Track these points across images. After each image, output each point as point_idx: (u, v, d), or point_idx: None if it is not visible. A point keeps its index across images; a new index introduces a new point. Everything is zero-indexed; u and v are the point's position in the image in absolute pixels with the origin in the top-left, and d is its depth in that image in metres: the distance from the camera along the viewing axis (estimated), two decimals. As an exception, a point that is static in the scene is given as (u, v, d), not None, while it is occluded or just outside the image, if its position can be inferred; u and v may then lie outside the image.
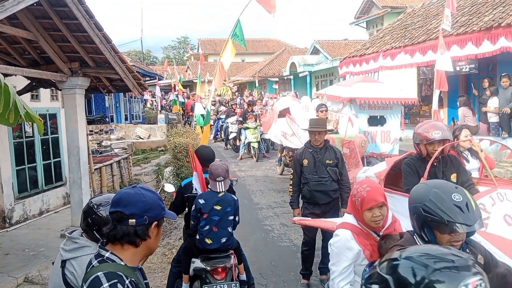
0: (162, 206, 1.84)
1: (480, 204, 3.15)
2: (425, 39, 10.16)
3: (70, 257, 2.44)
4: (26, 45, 6.70)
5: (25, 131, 8.25)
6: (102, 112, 18.23)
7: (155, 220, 1.78)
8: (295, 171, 4.82)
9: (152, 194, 1.83)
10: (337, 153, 4.76)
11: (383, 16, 25.12)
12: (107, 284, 1.59)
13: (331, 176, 4.65)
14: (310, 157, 4.70)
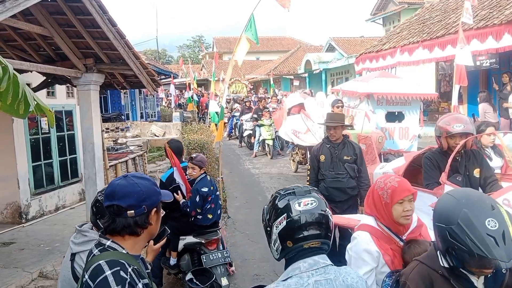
0: (158, 190, 1.78)
1: (505, 199, 3.01)
2: (444, 33, 9.91)
3: (79, 250, 2.43)
4: (41, 41, 6.72)
5: (41, 128, 8.31)
6: (118, 110, 18.36)
7: (154, 207, 1.74)
8: (312, 167, 4.69)
9: (146, 181, 1.77)
10: (356, 149, 4.60)
11: (400, 12, 24.74)
12: (109, 271, 1.55)
13: (348, 172, 4.51)
14: (327, 153, 4.58)
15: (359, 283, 1.65)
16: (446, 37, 9.70)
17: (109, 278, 1.54)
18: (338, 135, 4.59)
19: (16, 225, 7.28)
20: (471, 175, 3.71)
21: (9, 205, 7.43)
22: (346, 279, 1.62)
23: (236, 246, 6.03)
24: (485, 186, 3.64)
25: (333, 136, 4.58)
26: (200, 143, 8.81)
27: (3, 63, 2.50)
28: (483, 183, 3.67)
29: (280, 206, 1.68)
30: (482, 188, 3.65)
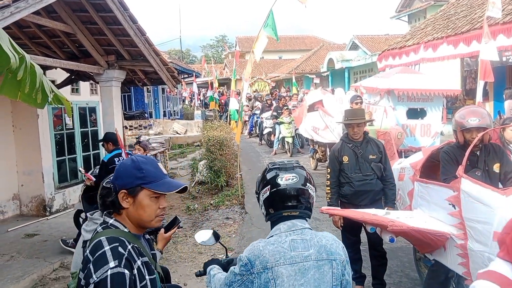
0: (137, 174, 1.71)
1: (525, 194, 2.91)
2: (469, 28, 9.66)
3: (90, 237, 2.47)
4: (65, 38, 6.91)
5: (66, 124, 8.53)
6: (142, 108, 18.65)
7: (123, 188, 1.72)
8: (333, 170, 4.23)
9: (130, 162, 1.76)
10: (380, 146, 4.21)
11: (426, 9, 24.23)
12: (108, 247, 1.61)
13: (376, 173, 4.11)
14: (351, 153, 4.15)
15: (334, 245, 1.84)
16: (472, 33, 9.45)
17: (107, 253, 1.59)
18: (361, 133, 4.21)
19: (40, 218, 7.49)
20: (490, 170, 3.61)
21: (34, 198, 7.65)
22: (320, 240, 1.83)
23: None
24: (505, 181, 3.53)
25: (357, 134, 4.17)
26: (219, 139, 8.86)
27: (20, 53, 2.57)
28: (503, 178, 3.57)
29: (267, 178, 1.92)
30: (502, 183, 3.55)
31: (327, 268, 1.79)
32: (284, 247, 1.78)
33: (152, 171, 1.75)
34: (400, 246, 5.05)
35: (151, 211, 1.75)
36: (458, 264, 3.17)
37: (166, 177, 1.81)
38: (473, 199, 3.04)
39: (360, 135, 4.20)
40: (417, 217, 3.62)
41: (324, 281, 1.77)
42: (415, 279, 4.49)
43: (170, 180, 1.81)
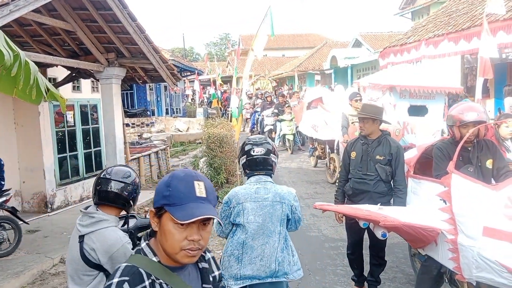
0: (165, 193, 1.40)
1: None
2: (470, 25, 9.63)
3: (88, 232, 2.48)
4: (65, 36, 6.97)
5: (67, 121, 8.61)
6: (144, 106, 18.73)
7: (154, 206, 1.45)
8: (344, 164, 4.23)
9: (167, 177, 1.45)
10: (392, 148, 3.96)
11: (429, 6, 24.14)
12: (116, 279, 1.38)
13: (379, 175, 3.92)
14: (359, 150, 4.05)
15: (286, 194, 2.84)
16: (472, 29, 9.42)
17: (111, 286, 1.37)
18: (369, 130, 4.02)
19: (41, 214, 7.58)
20: (483, 166, 3.63)
21: (36, 195, 7.73)
22: (277, 189, 2.84)
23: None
24: (498, 177, 3.55)
25: (362, 130, 4.07)
26: (219, 137, 8.91)
27: (15, 50, 2.62)
28: (496, 174, 3.59)
29: (245, 149, 2.89)
30: (494, 179, 3.58)
31: (278, 206, 2.79)
32: (251, 191, 2.79)
33: (180, 191, 1.39)
34: (397, 242, 5.08)
35: (174, 242, 1.39)
36: (449, 259, 3.20)
37: (197, 200, 1.39)
38: (463, 195, 3.07)
39: (367, 131, 4.04)
40: (409, 213, 3.64)
41: (275, 214, 2.79)
42: (410, 275, 4.53)
43: (196, 206, 1.38)
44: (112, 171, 2.65)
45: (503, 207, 2.84)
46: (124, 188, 2.62)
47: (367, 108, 4.17)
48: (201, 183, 1.41)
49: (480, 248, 2.87)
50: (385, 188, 3.96)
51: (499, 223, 2.82)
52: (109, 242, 2.41)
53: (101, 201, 2.60)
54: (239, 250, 2.81)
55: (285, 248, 2.87)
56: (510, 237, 2.74)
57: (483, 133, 3.66)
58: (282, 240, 2.83)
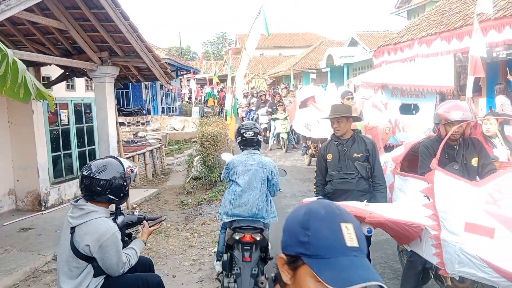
0: (301, 238, 1.09)
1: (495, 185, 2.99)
2: (462, 24, 9.70)
3: (79, 223, 2.59)
4: (59, 35, 6.99)
5: (61, 120, 8.63)
6: (140, 104, 18.75)
7: (284, 251, 1.18)
8: (319, 169, 4.19)
9: (301, 211, 1.16)
10: (367, 144, 4.01)
11: (424, 5, 24.22)
12: None
13: (359, 172, 3.95)
14: (335, 151, 4.04)
15: (268, 163, 4.14)
16: (464, 28, 9.49)
17: None
18: (344, 129, 4.03)
19: (35, 213, 7.59)
20: (468, 164, 3.68)
21: (29, 193, 7.75)
22: (261, 159, 4.15)
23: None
24: (482, 175, 3.61)
25: (338, 131, 4.05)
26: (213, 135, 8.95)
27: (2, 50, 2.66)
28: (481, 171, 3.65)
29: (240, 132, 4.28)
30: (479, 176, 3.63)
31: (260, 170, 4.06)
32: (243, 159, 4.14)
33: (324, 238, 1.05)
34: (386, 238, 5.13)
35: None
36: (432, 254, 3.26)
37: (349, 252, 1.04)
38: (446, 191, 3.13)
39: (342, 131, 4.04)
40: (395, 209, 3.70)
41: (258, 176, 4.04)
42: (397, 270, 4.60)
43: (350, 262, 1.03)
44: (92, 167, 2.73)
45: (484, 203, 2.90)
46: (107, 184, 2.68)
47: (338, 108, 4.19)
48: (349, 226, 1.06)
49: (462, 243, 2.92)
50: (366, 185, 4.00)
51: (480, 219, 2.87)
52: (99, 232, 2.52)
53: (88, 197, 2.66)
54: (232, 197, 4.10)
55: (265, 200, 4.12)
56: (491, 233, 2.80)
57: (468, 132, 3.71)
58: (264, 195, 4.09)
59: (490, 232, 2.76)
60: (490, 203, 2.85)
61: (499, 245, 2.69)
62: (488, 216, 2.83)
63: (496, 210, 2.79)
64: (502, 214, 2.80)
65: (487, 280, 2.82)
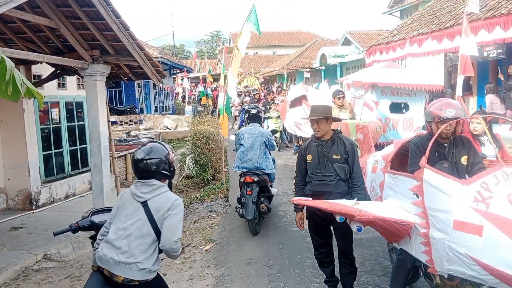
0: None
1: (483, 183, 3.01)
2: (453, 24, 9.78)
3: (151, 197, 2.92)
4: (49, 33, 6.93)
5: (52, 118, 8.57)
6: (132, 103, 18.65)
7: None
8: (299, 169, 4.14)
9: None
10: (347, 146, 3.94)
11: (417, 5, 24.34)
12: None
13: (338, 174, 3.89)
14: (315, 152, 3.97)
15: (266, 132, 6.49)
16: (455, 28, 9.57)
17: None
18: (324, 130, 3.95)
19: (26, 212, 7.56)
20: (458, 162, 3.69)
21: (20, 192, 7.70)
22: (261, 129, 6.50)
23: (234, 232, 6.16)
24: (472, 173, 3.63)
25: (317, 132, 3.97)
26: (206, 134, 8.94)
27: (-10, 47, 2.63)
28: (470, 170, 3.66)
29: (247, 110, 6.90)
30: (469, 175, 3.65)
31: (260, 137, 6.21)
32: (248, 129, 6.41)
33: None
34: (376, 236, 5.16)
35: None
36: (421, 252, 3.27)
37: None
38: (434, 189, 3.13)
39: (322, 132, 3.97)
40: (384, 207, 3.71)
41: (258, 141, 6.17)
42: (387, 267, 4.63)
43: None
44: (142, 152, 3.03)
45: (472, 201, 2.91)
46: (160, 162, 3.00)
47: (318, 109, 4.07)
48: None
49: (451, 241, 2.93)
50: (345, 187, 3.94)
51: (469, 217, 2.88)
52: (172, 200, 2.91)
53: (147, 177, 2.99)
54: (241, 155, 6.18)
55: (264, 158, 6.22)
56: (479, 231, 2.81)
57: (460, 130, 3.72)
58: (262, 153, 6.18)
59: (478, 230, 2.77)
60: (478, 201, 2.86)
61: (487, 243, 2.70)
62: (477, 214, 2.83)
63: (485, 208, 2.81)
64: (491, 212, 2.82)
65: (476, 278, 2.83)
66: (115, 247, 2.80)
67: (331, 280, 4.18)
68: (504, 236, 2.66)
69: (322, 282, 4.28)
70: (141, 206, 2.89)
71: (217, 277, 4.81)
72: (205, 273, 4.84)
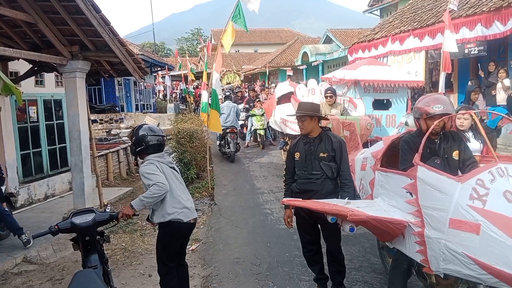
0: None
1: (478, 180, 2.97)
2: (434, 21, 9.86)
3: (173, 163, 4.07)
4: (27, 28, 6.69)
5: (30, 117, 8.30)
6: (113, 101, 18.29)
7: None
8: (288, 167, 4.11)
9: None
10: (334, 143, 3.86)
11: (397, 3, 24.59)
12: None
13: (325, 173, 3.83)
14: (302, 150, 3.93)
15: (235, 106, 11.45)
16: (436, 25, 9.65)
17: None
18: (309, 128, 3.91)
19: (4, 213, 7.26)
20: (449, 158, 3.65)
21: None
22: (233, 104, 11.60)
23: (220, 231, 6.05)
24: (463, 169, 3.59)
25: (302, 129, 3.95)
26: (189, 132, 8.79)
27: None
28: (462, 166, 3.63)
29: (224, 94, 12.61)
30: (461, 170, 3.62)
31: (233, 108, 11.21)
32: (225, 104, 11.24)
33: None
34: (363, 232, 5.11)
35: None
36: (416, 252, 3.21)
37: None
38: (429, 187, 3.08)
39: (307, 130, 3.92)
40: (376, 206, 3.66)
41: (232, 111, 11.05)
42: (375, 264, 4.62)
43: None
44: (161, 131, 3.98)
45: (468, 199, 2.86)
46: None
47: (304, 106, 4.05)
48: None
49: (447, 240, 2.88)
50: (331, 186, 3.88)
51: (465, 215, 2.83)
52: None
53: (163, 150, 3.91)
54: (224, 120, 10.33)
55: (236, 120, 11.22)
56: (476, 229, 2.75)
57: (449, 125, 3.68)
58: (234, 118, 11.01)
59: (475, 228, 2.71)
60: (474, 199, 2.81)
61: (485, 241, 2.65)
62: (473, 211, 2.78)
63: (481, 205, 2.76)
64: (487, 209, 2.76)
65: (474, 278, 2.76)
66: (187, 199, 3.85)
67: (320, 278, 4.13)
68: (502, 234, 2.60)
69: (311, 280, 4.22)
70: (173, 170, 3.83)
71: (204, 277, 4.70)
72: (192, 274, 4.72)
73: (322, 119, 4.11)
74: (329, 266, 4.05)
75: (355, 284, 4.28)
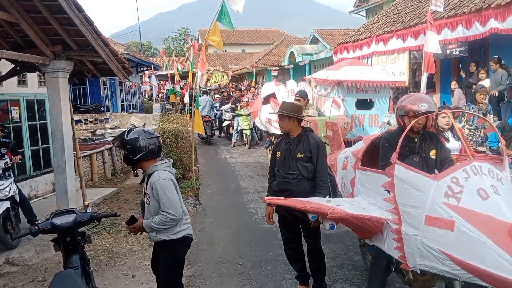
0: None
1: (453, 178, 3.04)
2: (417, 22, 10.00)
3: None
4: (8, 28, 6.62)
5: (12, 117, 8.19)
6: (98, 101, 18.12)
7: None
8: (271, 165, 4.19)
9: None
10: (311, 144, 3.91)
11: (382, 4, 24.84)
12: None
13: (301, 173, 3.88)
14: (283, 149, 4.02)
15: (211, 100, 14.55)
16: (419, 26, 9.78)
17: None
18: (287, 127, 3.99)
19: (-15, 215, 7.17)
20: (427, 157, 3.74)
21: (-22, 194, 7.30)
22: (209, 99, 14.49)
23: (204, 231, 6.07)
24: (441, 168, 3.67)
25: (280, 128, 4.06)
26: (175, 132, 8.78)
27: None
28: (439, 165, 3.71)
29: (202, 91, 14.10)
30: (438, 169, 3.69)
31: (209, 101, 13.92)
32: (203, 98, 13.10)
33: None
34: (346, 230, 5.18)
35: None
36: (393, 248, 3.27)
37: None
38: (406, 184, 3.15)
39: (285, 129, 4.01)
40: (356, 204, 3.72)
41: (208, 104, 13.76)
42: (357, 261, 4.69)
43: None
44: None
45: (443, 196, 2.93)
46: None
47: (284, 106, 4.12)
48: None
49: (423, 236, 2.95)
50: (307, 186, 3.92)
51: (440, 212, 2.90)
52: None
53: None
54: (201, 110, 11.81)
55: (211, 111, 14.16)
56: (451, 225, 2.82)
57: (430, 124, 3.76)
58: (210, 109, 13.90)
59: (450, 225, 2.78)
60: (449, 196, 2.88)
61: (459, 237, 2.71)
62: (448, 208, 2.85)
63: (456, 202, 2.83)
64: (461, 207, 2.84)
65: (449, 273, 2.83)
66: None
67: (302, 276, 4.19)
68: (476, 230, 2.68)
69: (294, 278, 4.28)
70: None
71: (188, 277, 4.71)
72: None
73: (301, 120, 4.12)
74: (310, 264, 4.12)
75: (337, 281, 4.34)
